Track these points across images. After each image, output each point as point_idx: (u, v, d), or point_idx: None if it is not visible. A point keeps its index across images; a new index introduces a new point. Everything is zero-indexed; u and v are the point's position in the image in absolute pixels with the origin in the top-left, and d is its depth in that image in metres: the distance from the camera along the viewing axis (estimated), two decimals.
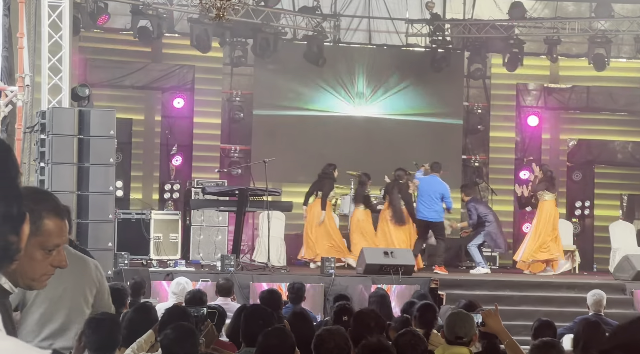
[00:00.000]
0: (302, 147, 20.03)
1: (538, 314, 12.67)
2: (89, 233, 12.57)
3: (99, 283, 5.71)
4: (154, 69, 20.22)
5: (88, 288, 5.66)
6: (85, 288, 5.64)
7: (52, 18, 14.12)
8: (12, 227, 1.50)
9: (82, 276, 5.62)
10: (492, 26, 20.54)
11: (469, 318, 5.97)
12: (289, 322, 6.59)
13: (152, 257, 15.57)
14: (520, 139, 21.64)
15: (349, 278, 14.85)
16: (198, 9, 17.74)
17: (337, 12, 21.02)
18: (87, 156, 12.90)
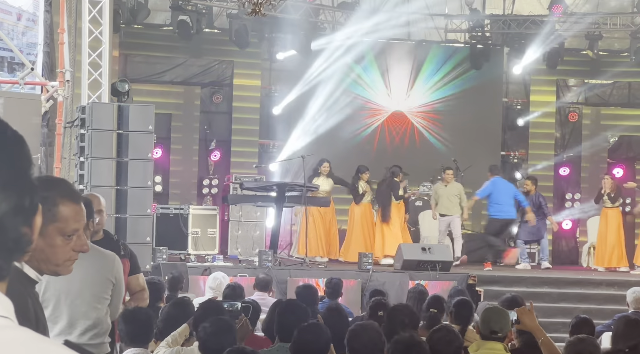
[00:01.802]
0: (340, 142, 19.99)
1: (577, 312, 12.61)
2: (128, 228, 12.63)
3: (115, 278, 5.66)
4: (193, 65, 20.31)
5: (102, 283, 5.61)
6: (98, 284, 5.60)
7: (93, 14, 14.22)
8: (24, 218, 1.51)
9: (97, 271, 5.55)
10: (532, 21, 20.38)
11: (504, 313, 5.93)
12: (322, 317, 6.58)
13: (190, 252, 15.63)
14: (560, 135, 21.47)
15: (386, 273, 14.83)
16: (237, 4, 17.79)
17: (376, 7, 20.96)
18: (125, 151, 12.97)
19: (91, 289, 5.53)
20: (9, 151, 1.52)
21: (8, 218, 1.49)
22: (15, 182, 1.51)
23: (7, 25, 14.85)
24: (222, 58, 20.39)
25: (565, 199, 20.21)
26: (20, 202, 1.51)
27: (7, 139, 1.53)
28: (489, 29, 21.06)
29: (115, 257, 5.74)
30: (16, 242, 1.52)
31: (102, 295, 5.58)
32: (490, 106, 21.03)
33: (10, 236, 1.50)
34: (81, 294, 5.49)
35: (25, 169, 1.54)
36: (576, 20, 20.79)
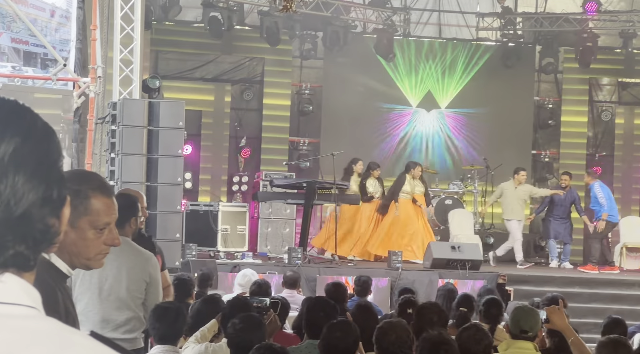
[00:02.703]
0: (370, 140, 19.99)
1: (608, 312, 12.49)
2: (157, 224, 12.66)
3: (150, 277, 5.67)
4: (223, 61, 20.35)
5: (136, 282, 5.62)
6: (132, 282, 5.60)
7: (125, 10, 14.27)
8: (51, 210, 1.51)
9: (131, 269, 5.57)
10: (565, 19, 20.25)
11: (534, 313, 5.89)
12: (352, 314, 6.57)
13: (220, 249, 15.65)
14: (592, 134, 21.33)
15: (415, 272, 14.78)
16: (268, 1, 17.80)
17: (407, 5, 20.93)
18: (156, 147, 13.00)
19: (126, 286, 5.55)
20: (38, 142, 1.52)
21: (35, 209, 1.49)
22: (43, 173, 1.51)
23: (41, 22, 14.94)
24: (253, 55, 20.41)
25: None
26: (48, 193, 1.51)
27: (38, 129, 1.53)
28: (520, 27, 20.94)
29: (151, 256, 5.75)
30: (43, 233, 1.52)
31: (136, 293, 5.60)
32: (522, 105, 20.92)
33: (37, 227, 1.50)
34: (115, 290, 5.52)
35: (54, 161, 1.54)
36: (610, 18, 20.65)
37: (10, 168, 1.47)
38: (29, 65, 15.02)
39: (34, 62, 15.11)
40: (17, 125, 1.51)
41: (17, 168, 1.48)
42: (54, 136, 1.56)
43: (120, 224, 5.45)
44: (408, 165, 16.85)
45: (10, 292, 1.46)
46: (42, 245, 1.53)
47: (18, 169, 1.48)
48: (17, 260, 1.48)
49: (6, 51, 14.81)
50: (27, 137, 1.50)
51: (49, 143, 1.54)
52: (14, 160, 1.48)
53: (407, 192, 16.55)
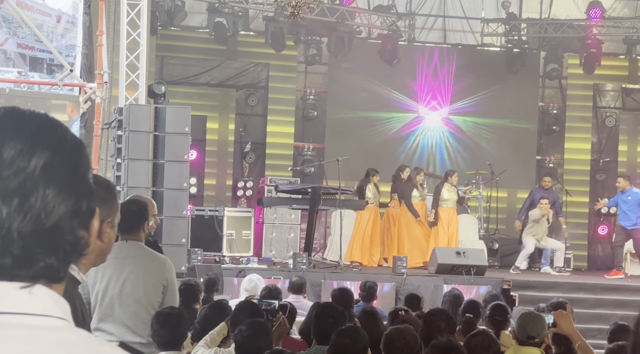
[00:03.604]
0: (375, 146, 20.01)
1: (613, 318, 12.51)
2: (163, 229, 12.69)
3: (167, 281, 5.69)
4: (228, 67, 20.38)
5: (153, 285, 5.66)
6: (149, 286, 5.64)
7: (131, 16, 14.33)
8: (81, 222, 1.54)
9: (148, 273, 5.60)
10: (569, 26, 20.27)
11: (541, 319, 5.91)
12: (359, 320, 6.59)
13: (225, 254, 15.68)
14: (596, 140, 21.34)
15: (420, 277, 14.80)
16: (273, 7, 17.84)
17: (412, 11, 20.96)
18: (162, 153, 13.05)
19: (143, 290, 5.59)
20: (68, 155, 1.55)
21: (65, 221, 1.52)
22: (73, 186, 1.53)
23: (47, 27, 14.98)
24: (257, 60, 20.45)
25: None
26: (78, 206, 1.54)
27: (67, 142, 1.56)
28: (525, 33, 20.97)
29: (167, 259, 5.80)
30: (73, 245, 1.54)
31: (154, 297, 5.63)
32: (526, 110, 20.94)
33: (67, 239, 1.53)
34: (132, 295, 5.56)
35: (83, 173, 1.57)
36: (614, 24, 20.68)
37: (41, 181, 1.50)
38: (34, 71, 15.06)
39: (40, 67, 15.15)
40: (48, 139, 1.53)
41: (48, 181, 1.50)
42: (83, 148, 1.60)
43: (134, 230, 5.50)
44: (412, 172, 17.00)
45: (41, 303, 1.49)
46: (71, 257, 1.55)
47: (48, 183, 1.50)
48: (47, 272, 1.51)
49: (12, 57, 14.86)
50: (57, 150, 1.53)
51: (79, 156, 1.57)
52: (44, 173, 1.51)
53: None
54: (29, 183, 1.49)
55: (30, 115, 1.55)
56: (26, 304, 1.48)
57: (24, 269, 1.49)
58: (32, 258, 1.49)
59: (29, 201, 1.49)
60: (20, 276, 1.49)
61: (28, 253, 1.49)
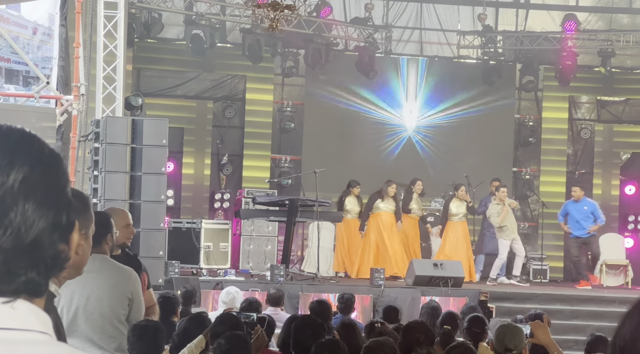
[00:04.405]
0: (352, 158, 20.04)
1: (589, 329, 12.55)
2: (141, 241, 12.66)
3: (132, 294, 5.61)
4: (205, 79, 20.38)
5: (119, 299, 5.59)
6: (114, 299, 5.57)
7: (108, 28, 14.31)
8: (61, 235, 1.54)
9: (113, 286, 5.52)
10: (545, 38, 20.41)
11: (519, 331, 5.93)
12: (338, 333, 6.59)
13: (202, 266, 15.65)
14: (572, 151, 21.46)
15: (398, 289, 14.82)
16: (250, 19, 17.87)
17: (388, 23, 21.03)
18: (139, 165, 13.02)
19: (108, 304, 5.53)
20: (46, 169, 1.54)
21: (45, 235, 1.52)
22: (52, 200, 1.53)
23: (23, 39, 14.94)
24: (234, 72, 20.46)
25: None
26: (58, 219, 1.54)
27: (45, 156, 1.56)
28: (501, 45, 21.08)
29: (132, 272, 5.72)
30: (54, 259, 1.54)
31: (119, 310, 5.57)
32: (503, 122, 21.03)
33: (48, 253, 1.53)
34: (98, 309, 5.49)
35: (62, 187, 1.57)
36: (589, 37, 20.84)
37: (20, 196, 1.50)
38: (10, 83, 15.01)
39: (15, 79, 15.11)
40: (26, 153, 1.53)
41: (27, 196, 1.50)
42: (61, 162, 1.59)
43: (97, 242, 5.43)
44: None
45: (22, 318, 1.49)
46: (53, 271, 1.55)
47: (28, 197, 1.50)
48: (28, 286, 1.51)
49: None
50: (36, 165, 1.53)
51: (57, 170, 1.57)
52: (23, 188, 1.50)
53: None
54: (8, 198, 1.49)
55: (7, 130, 1.55)
56: (8, 319, 1.47)
57: (5, 284, 1.49)
58: (13, 273, 1.49)
59: (8, 216, 1.48)
60: (1, 291, 1.49)
61: (9, 268, 1.49)
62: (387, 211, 16.90)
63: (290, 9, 11.92)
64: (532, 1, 21.30)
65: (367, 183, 17.36)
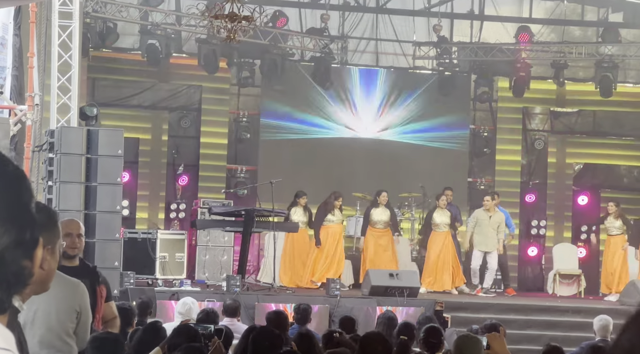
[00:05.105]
0: (308, 168, 20.05)
1: (543, 339, 12.69)
2: (96, 252, 12.59)
3: (80, 306, 5.52)
4: (161, 89, 20.30)
5: (66, 312, 5.50)
6: (62, 313, 5.48)
7: (62, 38, 14.22)
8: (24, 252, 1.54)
9: (60, 300, 5.42)
10: (499, 49, 20.59)
11: (477, 341, 5.98)
12: (295, 343, 6.59)
13: (158, 277, 15.58)
14: (526, 162, 21.65)
15: (354, 299, 14.86)
16: (206, 29, 17.83)
17: (344, 33, 21.10)
18: (94, 175, 12.96)
19: (56, 318, 5.44)
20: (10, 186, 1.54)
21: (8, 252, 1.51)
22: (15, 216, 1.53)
23: None
24: (190, 82, 20.40)
25: (531, 226, 20.35)
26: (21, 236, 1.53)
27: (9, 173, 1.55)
28: (456, 56, 21.23)
29: (80, 284, 5.61)
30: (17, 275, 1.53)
31: (67, 324, 5.49)
32: (458, 133, 21.16)
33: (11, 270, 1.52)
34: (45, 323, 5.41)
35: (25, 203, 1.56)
36: (542, 48, 21.06)
37: None
38: None
39: None
40: None
41: None
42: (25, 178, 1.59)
43: None
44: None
45: None
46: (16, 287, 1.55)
47: None
48: None
49: None
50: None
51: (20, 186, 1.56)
52: None
53: None
54: None
55: None
56: None
57: None
58: None
59: None
60: None
61: None
62: (338, 223, 16.98)
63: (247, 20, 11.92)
64: (486, 13, 21.47)
65: (322, 194, 17.39)
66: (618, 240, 17.54)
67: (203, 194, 19.49)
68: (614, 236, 17.55)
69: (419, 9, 21.34)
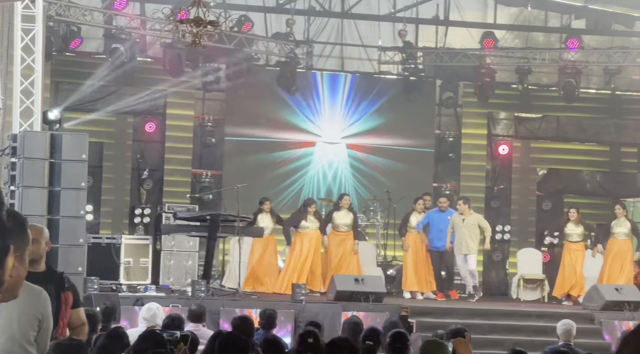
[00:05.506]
0: (273, 173, 20.03)
1: (508, 343, 12.76)
2: (59, 257, 12.49)
3: (42, 315, 5.42)
4: (125, 93, 20.17)
5: (28, 321, 5.43)
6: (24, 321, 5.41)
7: (25, 41, 14.11)
8: None
9: (22, 308, 5.29)
10: (464, 55, 20.68)
11: (443, 346, 5.99)
12: (262, 349, 6.57)
13: (122, 282, 15.49)
14: (490, 167, 21.75)
15: (319, 304, 14.85)
16: (171, 33, 17.75)
17: (309, 38, 21.10)
18: (58, 180, 12.86)
19: (18, 326, 5.37)
20: None
21: None
22: None
23: None
24: (155, 87, 20.28)
25: (495, 231, 20.45)
26: None
27: None
28: (421, 62, 21.30)
29: (43, 292, 5.53)
30: None
31: (29, 332, 5.42)
32: (423, 138, 21.22)
33: None
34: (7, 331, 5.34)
35: None
36: (506, 54, 21.19)
37: None
38: None
39: None
40: None
41: None
42: None
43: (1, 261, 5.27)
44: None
45: None
46: None
47: None
48: None
49: None
50: None
51: None
52: None
53: None
54: None
55: None
56: None
57: None
58: None
59: None
60: None
61: None
62: (313, 229, 16.94)
63: (213, 24, 11.87)
64: (451, 18, 21.56)
65: (287, 198, 17.38)
66: (578, 247, 17.64)
67: (168, 198, 19.42)
68: (574, 243, 17.62)
69: (385, 14, 21.40)
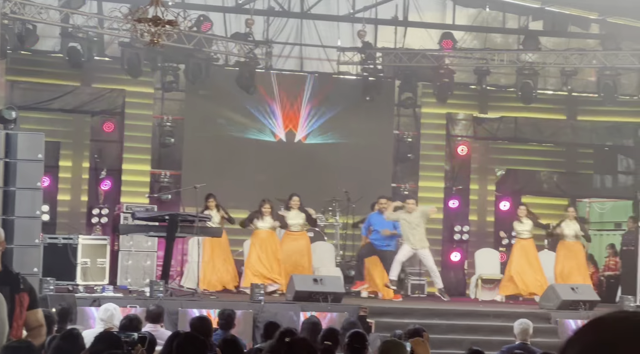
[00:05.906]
0: (232, 173, 19.98)
1: (466, 343, 12.81)
2: (14, 258, 12.33)
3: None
4: (83, 93, 20.01)
5: None
6: None
7: None
8: None
9: None
10: (422, 55, 20.74)
11: (401, 346, 5.99)
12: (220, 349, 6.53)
13: (79, 283, 15.36)
14: (449, 168, 21.84)
15: (278, 304, 14.82)
16: (129, 33, 17.62)
17: (269, 38, 21.06)
18: (13, 180, 12.73)
19: None
20: None
21: None
22: None
23: None
24: (113, 86, 20.15)
25: (454, 231, 20.54)
26: None
27: None
28: (380, 62, 21.33)
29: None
30: None
31: None
32: (382, 138, 21.26)
33: None
34: None
35: None
36: (465, 55, 21.29)
37: None
38: None
39: None
40: None
41: None
42: None
43: None
44: None
45: None
46: None
47: None
48: None
49: None
50: None
51: None
52: None
53: None
54: None
55: None
56: None
57: None
58: None
59: None
60: None
61: None
62: (265, 229, 16.94)
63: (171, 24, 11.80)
64: (410, 19, 21.63)
65: (246, 198, 17.34)
66: (528, 243, 17.87)
67: (126, 198, 19.30)
68: (525, 240, 17.86)
69: (344, 14, 21.43)
